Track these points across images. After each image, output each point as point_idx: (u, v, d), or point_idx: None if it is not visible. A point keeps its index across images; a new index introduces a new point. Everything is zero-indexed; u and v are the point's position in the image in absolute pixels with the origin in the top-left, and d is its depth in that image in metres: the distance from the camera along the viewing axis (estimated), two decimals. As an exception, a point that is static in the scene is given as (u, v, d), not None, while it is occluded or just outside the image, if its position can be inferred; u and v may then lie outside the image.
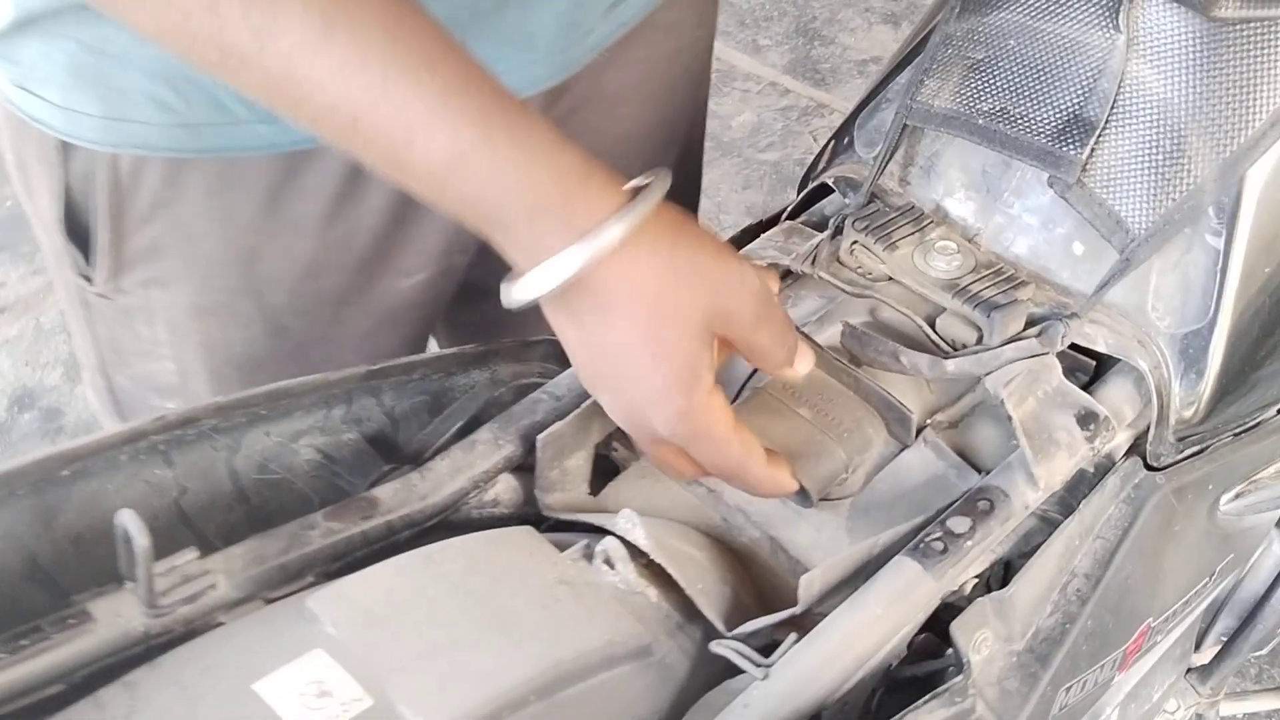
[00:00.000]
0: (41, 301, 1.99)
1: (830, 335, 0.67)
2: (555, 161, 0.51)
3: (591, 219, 0.51)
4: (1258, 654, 1.00)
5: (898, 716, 0.52)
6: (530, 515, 0.66)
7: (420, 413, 0.71)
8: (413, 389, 0.70)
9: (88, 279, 0.76)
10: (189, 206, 0.72)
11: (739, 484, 0.59)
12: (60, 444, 0.59)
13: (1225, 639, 0.98)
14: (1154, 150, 0.62)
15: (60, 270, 0.79)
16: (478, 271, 0.84)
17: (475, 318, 0.92)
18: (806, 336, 0.62)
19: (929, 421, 0.65)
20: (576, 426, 0.64)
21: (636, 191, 0.53)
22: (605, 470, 0.70)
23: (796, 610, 0.56)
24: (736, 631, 0.56)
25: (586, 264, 0.51)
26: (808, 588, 0.55)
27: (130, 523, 0.50)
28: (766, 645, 0.56)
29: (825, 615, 0.54)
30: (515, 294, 0.53)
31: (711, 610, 0.57)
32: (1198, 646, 0.97)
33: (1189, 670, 0.99)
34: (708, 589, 0.58)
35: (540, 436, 0.63)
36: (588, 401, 0.64)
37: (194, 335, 0.78)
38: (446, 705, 0.47)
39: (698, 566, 0.59)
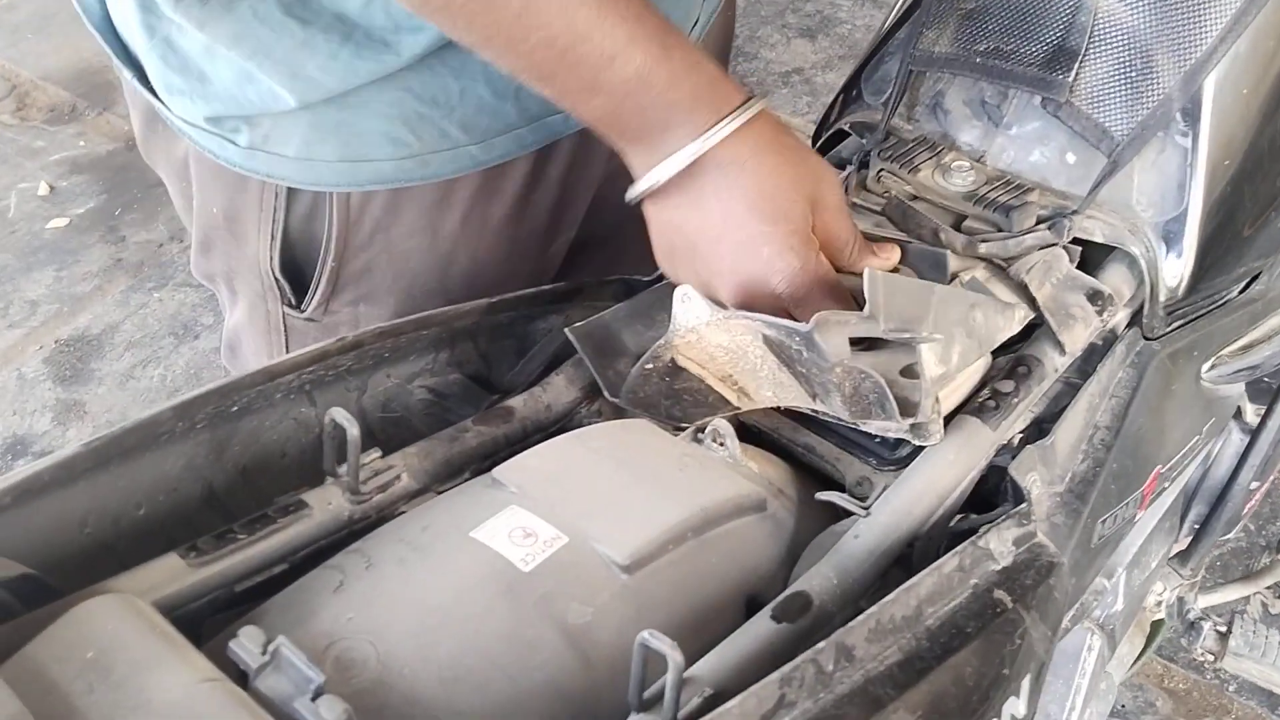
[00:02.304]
0: (21, 353, 2.03)
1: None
2: (706, 69, 0.64)
3: (732, 106, 0.64)
4: (1225, 538, 1.13)
5: (981, 530, 0.62)
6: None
7: (509, 354, 0.80)
8: (502, 333, 0.80)
9: (294, 306, 0.86)
10: (403, 228, 0.82)
11: None
12: (227, 378, 0.67)
13: (1198, 525, 1.11)
14: (1128, 69, 0.74)
15: (262, 304, 0.87)
16: None
17: None
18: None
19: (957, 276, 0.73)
20: (604, 323, 0.73)
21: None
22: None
23: (865, 313, 0.62)
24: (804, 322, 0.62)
25: (727, 136, 0.64)
26: (871, 281, 0.62)
27: (341, 417, 0.58)
28: (863, 495, 0.67)
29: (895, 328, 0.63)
30: (669, 167, 0.65)
31: (796, 396, 0.66)
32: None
33: (1171, 557, 1.12)
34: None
35: (568, 329, 0.71)
36: (616, 306, 0.74)
37: None
38: (628, 539, 0.56)
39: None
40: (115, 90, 2.61)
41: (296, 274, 0.85)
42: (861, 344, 0.64)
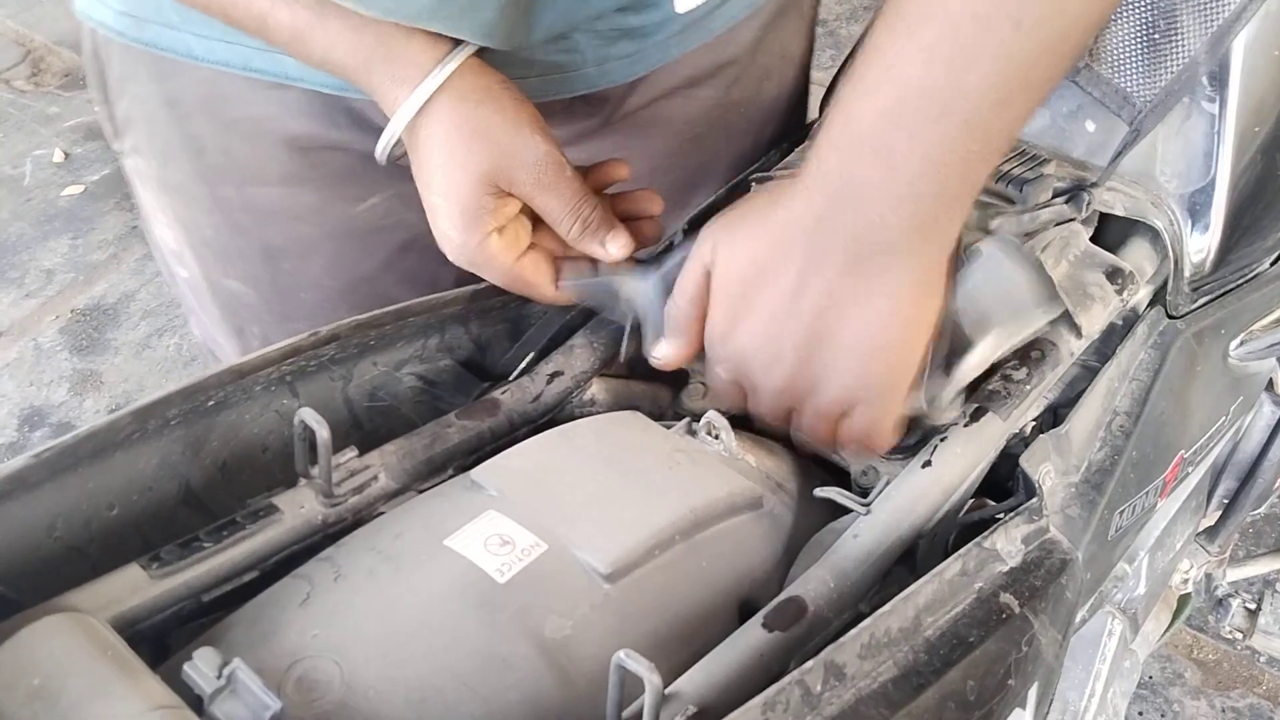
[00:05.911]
0: (37, 323, 2.02)
1: None
2: (377, 29, 0.63)
3: (413, 72, 0.63)
4: (1255, 513, 1.09)
5: (989, 530, 0.59)
6: (622, 412, 0.73)
7: (502, 339, 0.77)
8: (495, 317, 0.77)
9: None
10: (143, 88, 0.79)
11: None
12: (201, 373, 0.65)
13: (1227, 501, 1.07)
14: (1151, 31, 0.69)
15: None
16: None
17: None
18: None
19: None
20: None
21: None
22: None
23: None
24: None
25: (413, 111, 0.63)
26: None
27: (311, 419, 0.55)
28: (862, 491, 0.63)
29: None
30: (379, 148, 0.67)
31: None
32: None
33: (1199, 533, 1.08)
34: None
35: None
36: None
37: (169, 208, 0.85)
38: (611, 546, 0.54)
39: None
40: (129, 54, 2.59)
41: None
42: None
